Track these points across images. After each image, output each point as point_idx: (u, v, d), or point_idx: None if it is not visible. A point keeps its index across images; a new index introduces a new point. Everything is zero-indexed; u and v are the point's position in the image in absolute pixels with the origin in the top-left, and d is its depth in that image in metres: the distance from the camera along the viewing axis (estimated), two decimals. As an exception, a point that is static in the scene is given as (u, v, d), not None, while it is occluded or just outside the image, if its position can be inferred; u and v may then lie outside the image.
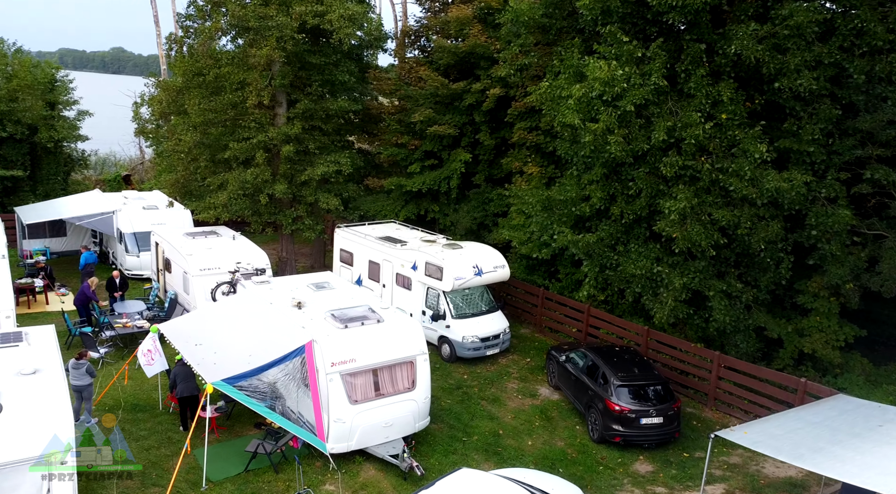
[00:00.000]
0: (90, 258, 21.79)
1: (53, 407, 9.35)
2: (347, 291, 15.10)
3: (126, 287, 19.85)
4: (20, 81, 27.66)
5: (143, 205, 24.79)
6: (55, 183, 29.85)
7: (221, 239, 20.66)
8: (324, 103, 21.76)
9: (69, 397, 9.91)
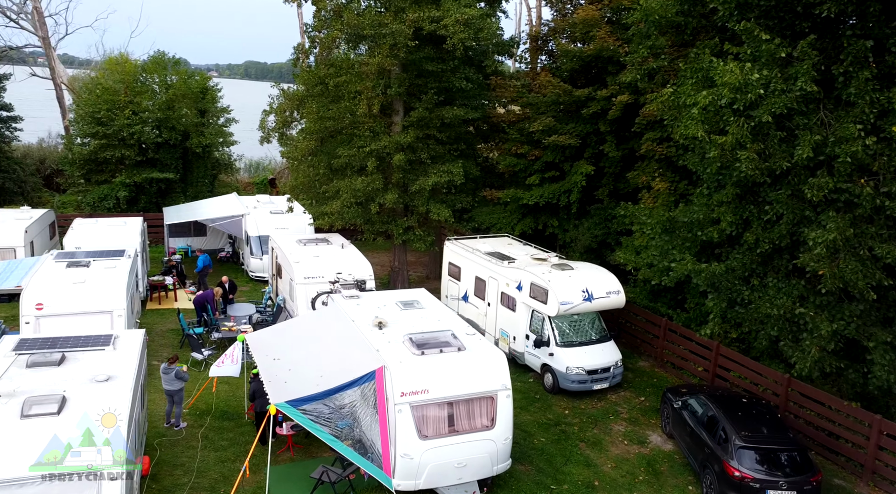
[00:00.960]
0: (206, 261, 22.87)
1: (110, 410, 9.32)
2: (435, 312, 14.19)
3: (235, 290, 20.42)
4: (175, 91, 30.04)
5: (270, 210, 25.75)
6: (203, 185, 32.10)
7: (330, 247, 20.71)
8: (439, 111, 21.12)
9: (133, 405, 9.93)
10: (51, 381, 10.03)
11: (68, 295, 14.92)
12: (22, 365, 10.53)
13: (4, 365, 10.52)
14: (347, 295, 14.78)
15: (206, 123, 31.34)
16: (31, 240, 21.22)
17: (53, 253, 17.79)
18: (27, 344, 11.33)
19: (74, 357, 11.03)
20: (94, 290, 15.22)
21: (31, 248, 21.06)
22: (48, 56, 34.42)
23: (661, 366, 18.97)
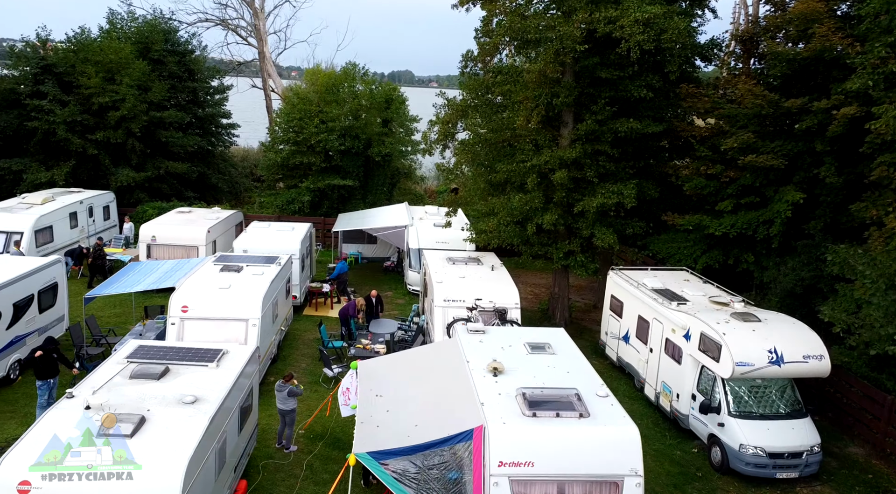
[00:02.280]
0: (342, 269, 22.76)
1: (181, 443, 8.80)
2: (566, 362, 12.02)
3: (382, 306, 19.80)
4: (361, 100, 30.93)
5: (434, 222, 25.13)
6: (381, 193, 32.73)
7: (479, 268, 19.30)
8: (612, 124, 18.67)
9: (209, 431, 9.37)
10: (141, 397, 9.86)
11: (212, 300, 15.30)
12: (127, 374, 10.58)
13: (113, 372, 10.64)
14: (472, 329, 13.19)
15: (388, 132, 31.86)
16: (214, 239, 22.80)
17: (217, 255, 18.70)
18: (141, 352, 11.46)
19: (177, 371, 10.88)
20: (235, 297, 15.45)
21: (213, 247, 22.63)
22: (262, 69, 37.72)
23: (880, 458, 14.63)
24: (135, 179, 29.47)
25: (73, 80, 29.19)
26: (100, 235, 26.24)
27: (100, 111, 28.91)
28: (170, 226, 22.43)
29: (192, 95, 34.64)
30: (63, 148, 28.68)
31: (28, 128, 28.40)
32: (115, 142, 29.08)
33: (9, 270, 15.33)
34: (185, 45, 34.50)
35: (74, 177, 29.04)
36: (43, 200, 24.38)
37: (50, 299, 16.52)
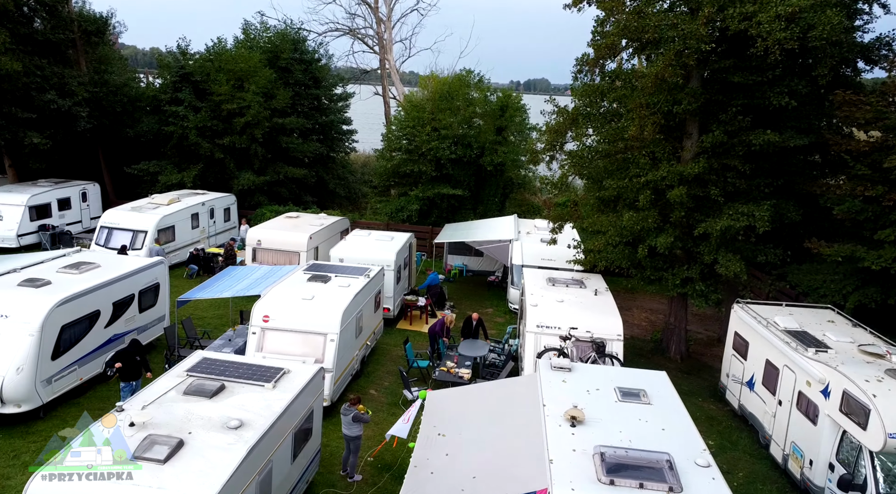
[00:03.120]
0: (434, 280, 21.70)
1: (213, 474, 8.14)
2: (663, 416, 10.14)
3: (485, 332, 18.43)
4: (474, 108, 30.01)
5: (541, 238, 23.58)
6: (492, 204, 31.60)
7: (581, 291, 17.54)
8: (744, 136, 16.23)
9: (249, 460, 8.68)
10: (187, 417, 9.37)
11: (293, 311, 14.91)
12: (182, 390, 10.20)
13: (169, 386, 10.32)
14: (556, 365, 11.63)
15: (502, 141, 30.68)
16: (317, 245, 22.80)
17: (309, 263, 18.46)
18: (203, 365, 11.10)
19: (232, 390, 10.36)
20: (316, 309, 14.95)
21: (314, 254, 22.64)
22: (382, 76, 38.01)
23: None
24: (255, 183, 30.55)
25: (206, 87, 30.82)
26: (233, 236, 27.43)
27: (227, 117, 30.27)
28: (275, 230, 22.72)
29: (315, 102, 35.56)
30: (194, 151, 30.33)
31: (165, 132, 30.33)
32: (240, 146, 30.32)
33: (110, 270, 15.89)
34: (311, 53, 35.50)
35: (202, 179, 30.62)
36: (169, 201, 25.74)
37: (151, 299, 17.01)
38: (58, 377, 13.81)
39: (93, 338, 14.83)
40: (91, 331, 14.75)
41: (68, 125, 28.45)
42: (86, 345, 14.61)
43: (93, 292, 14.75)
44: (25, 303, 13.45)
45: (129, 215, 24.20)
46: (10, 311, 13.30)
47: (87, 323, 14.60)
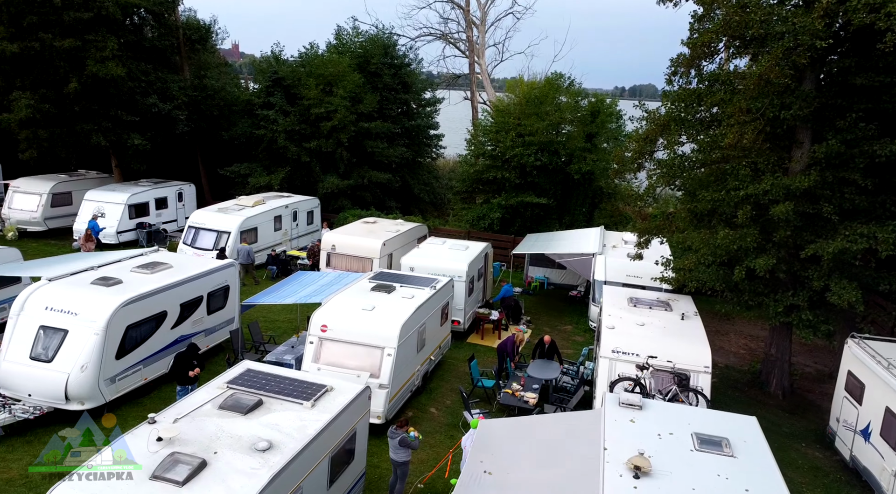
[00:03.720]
0: (508, 292, 20.48)
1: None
2: (751, 473, 8.60)
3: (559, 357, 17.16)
4: (562, 114, 28.61)
5: (628, 253, 21.90)
6: (579, 214, 30.05)
7: (666, 315, 15.91)
8: (867, 146, 14.07)
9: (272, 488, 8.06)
10: (217, 435, 8.91)
11: (351, 322, 14.35)
12: (218, 403, 9.79)
13: (207, 398, 9.94)
14: (624, 402, 10.29)
15: (592, 148, 29.08)
16: (390, 252, 22.32)
17: (375, 272, 17.92)
18: (245, 377, 10.68)
19: (269, 406, 9.84)
20: (375, 321, 14.32)
21: (388, 261, 22.17)
22: (471, 81, 37.31)
23: None
24: (339, 186, 30.68)
25: (297, 92, 31.33)
26: (319, 239, 27.64)
27: (315, 121, 30.59)
28: (349, 235, 22.46)
29: (403, 107, 35.42)
30: (282, 155, 30.89)
31: (256, 135, 31.08)
32: (326, 150, 30.55)
33: (181, 271, 16.02)
34: (402, 58, 35.39)
35: (289, 182, 31.12)
36: (254, 203, 26.20)
37: (220, 301, 17.06)
38: (122, 376, 13.97)
39: (159, 339, 14.95)
40: (157, 332, 14.87)
41: (168, 128, 29.74)
42: (151, 346, 14.74)
43: (160, 293, 14.86)
44: (94, 302, 13.68)
45: (215, 216, 24.79)
46: (79, 309, 13.57)
47: (153, 323, 14.73)
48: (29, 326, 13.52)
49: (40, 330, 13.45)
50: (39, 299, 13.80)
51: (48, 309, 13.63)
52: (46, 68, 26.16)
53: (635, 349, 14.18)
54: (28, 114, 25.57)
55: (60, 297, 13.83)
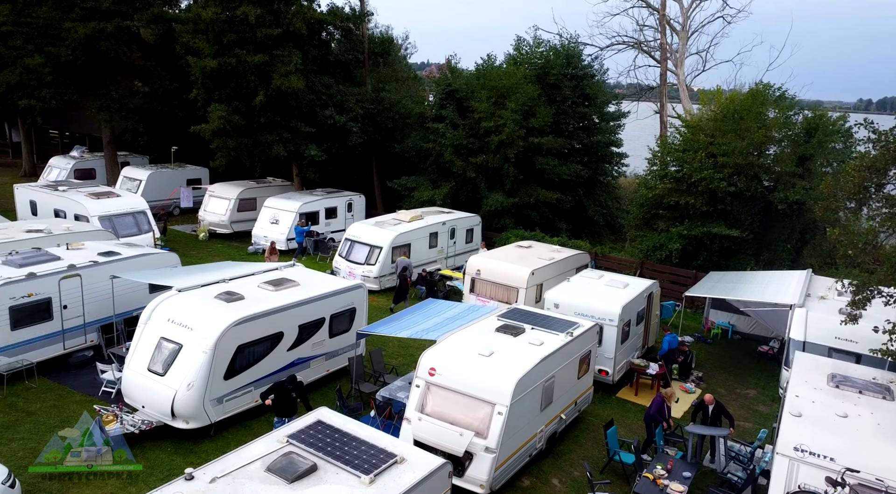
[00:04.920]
0: (672, 343, 16.90)
1: None
2: None
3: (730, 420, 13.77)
4: (767, 131, 24.04)
5: (839, 308, 17.32)
6: (782, 251, 25.11)
7: (885, 406, 11.74)
8: None
9: None
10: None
11: (463, 367, 12.48)
12: (267, 463, 8.50)
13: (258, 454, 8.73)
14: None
15: (804, 173, 24.11)
16: (541, 282, 20.07)
17: (507, 308, 15.83)
18: (310, 432, 9.31)
19: (321, 475, 8.34)
20: (490, 370, 12.30)
21: (537, 292, 19.96)
22: (661, 93, 33.48)
23: None
24: (503, 204, 29.01)
25: (469, 105, 30.35)
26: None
27: (484, 135, 29.32)
28: (496, 260, 20.60)
29: (582, 121, 32.84)
30: (448, 169, 30.05)
31: (425, 149, 30.63)
32: (492, 166, 29.10)
33: (305, 290, 15.41)
34: (585, 69, 32.86)
35: (454, 197, 30.18)
36: (411, 218, 25.55)
37: (344, 324, 16.23)
38: (230, 397, 13.57)
39: (273, 360, 14.41)
40: (272, 353, 14.34)
41: (342, 139, 30.41)
42: (264, 367, 14.23)
43: (277, 313, 14.31)
44: (208, 318, 13.44)
45: (370, 230, 24.50)
46: (195, 324, 13.41)
47: (267, 344, 14.21)
48: (152, 337, 13.66)
49: (160, 341, 13.51)
50: (165, 310, 13.92)
51: (170, 321, 13.67)
52: (240, 82, 28.02)
53: (829, 451, 10.46)
54: (219, 125, 27.52)
55: (182, 310, 13.82)
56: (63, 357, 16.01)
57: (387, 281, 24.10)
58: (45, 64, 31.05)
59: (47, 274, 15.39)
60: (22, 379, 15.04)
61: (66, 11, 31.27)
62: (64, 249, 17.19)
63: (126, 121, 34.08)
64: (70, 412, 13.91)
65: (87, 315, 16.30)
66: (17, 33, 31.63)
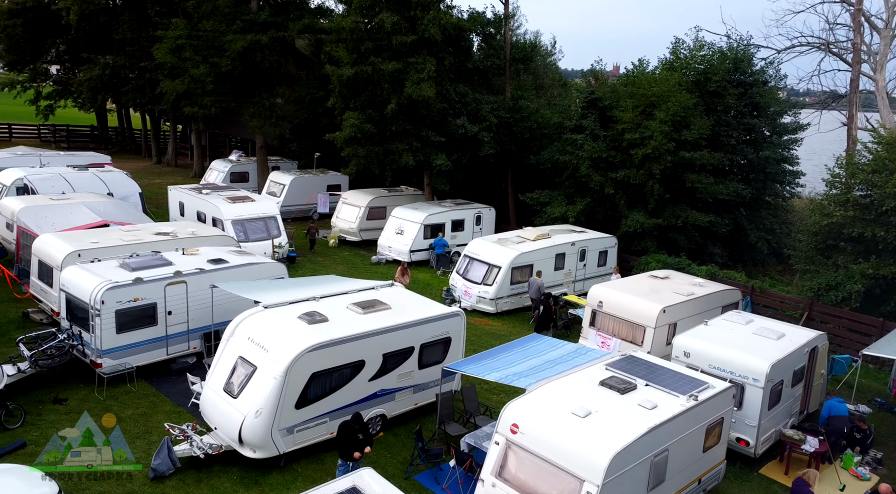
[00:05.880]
0: (838, 410, 13.34)
1: None
2: None
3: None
4: None
5: None
6: None
7: None
8: None
9: None
10: None
11: (552, 429, 10.41)
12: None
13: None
14: None
15: None
16: (674, 322, 17.21)
17: (619, 355, 13.35)
18: (339, 499, 7.88)
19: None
20: (583, 436, 10.12)
21: (668, 333, 17.13)
22: (851, 102, 28.27)
23: None
24: (644, 225, 25.96)
25: (613, 114, 27.70)
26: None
27: (627, 148, 26.51)
28: (622, 292, 18.00)
29: (749, 134, 28.73)
30: (584, 184, 27.60)
31: (561, 161, 28.43)
32: (635, 182, 26.20)
33: (395, 315, 14.15)
34: (756, 74, 28.74)
35: (589, 215, 27.66)
36: (536, 236, 23.60)
37: (436, 354, 14.74)
38: (302, 427, 12.62)
39: (352, 391, 13.28)
40: (351, 382, 13.22)
41: (473, 149, 29.12)
42: (342, 397, 13.15)
43: (359, 339, 13.18)
44: (284, 341, 12.61)
45: (490, 247, 22.91)
46: (271, 346, 12.65)
47: (347, 372, 13.12)
48: (231, 354, 13.14)
49: (238, 360, 12.93)
50: (247, 327, 13.35)
51: (249, 339, 13.06)
52: (374, 90, 27.79)
53: None
54: (351, 133, 27.44)
55: (262, 328, 13.16)
56: (166, 362, 16.18)
57: (504, 304, 22.36)
58: (208, 73, 33.21)
59: (154, 279, 15.58)
60: (124, 382, 15.32)
61: (228, 24, 33.27)
62: (180, 254, 17.50)
63: (275, 128, 35.52)
64: (155, 423, 13.80)
65: (190, 322, 16.36)
66: (188, 46, 34.16)
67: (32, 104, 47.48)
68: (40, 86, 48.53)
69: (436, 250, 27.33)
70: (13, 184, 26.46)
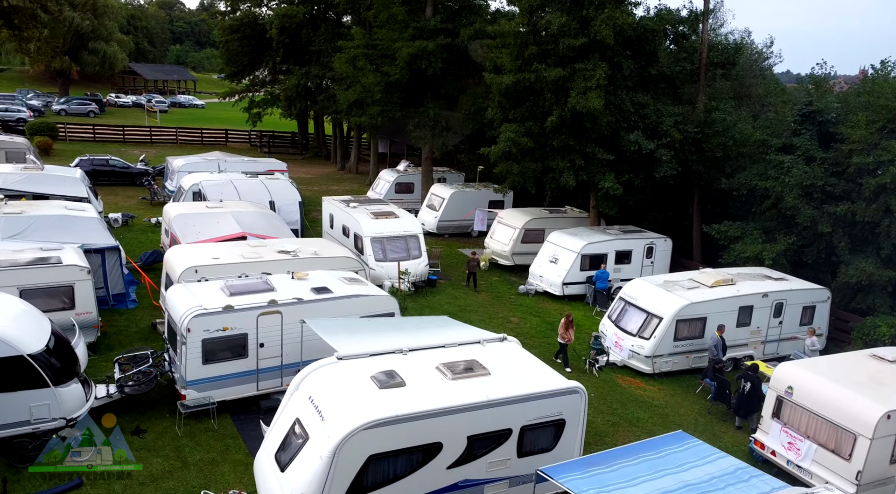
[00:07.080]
0: None
1: None
2: None
3: None
4: None
5: None
6: None
7: None
8: None
9: None
10: None
11: None
12: None
13: None
14: None
15: None
16: (906, 433, 11.95)
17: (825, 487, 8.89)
18: None
19: None
20: None
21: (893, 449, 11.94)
22: None
23: None
24: (873, 277, 19.77)
25: (837, 131, 21.74)
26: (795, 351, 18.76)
27: (854, 175, 20.51)
28: (826, 378, 12.97)
29: None
30: (790, 218, 21.95)
31: (760, 187, 22.98)
32: (862, 219, 20.11)
33: (490, 387, 11.13)
34: None
35: (793, 258, 21.95)
36: (714, 282, 18.92)
37: (544, 440, 11.43)
38: (359, 518, 10.17)
39: (424, 479, 10.53)
40: (422, 469, 10.48)
41: (648, 169, 24.76)
42: (411, 487, 10.45)
43: (437, 417, 10.41)
44: (343, 410, 10.23)
45: (652, 290, 18.74)
46: (328, 413, 10.34)
47: (417, 456, 10.40)
48: (290, 415, 11.09)
49: (295, 423, 10.85)
50: (311, 383, 11.23)
51: (310, 399, 10.90)
52: (536, 100, 24.83)
53: None
54: (506, 148, 24.72)
55: (325, 387, 10.93)
56: (256, 398, 14.79)
57: (663, 364, 18.10)
58: (377, 82, 32.69)
59: (245, 308, 14.24)
60: (209, 417, 14.16)
61: (400, 31, 32.46)
62: (288, 278, 16.14)
63: (438, 139, 34.05)
64: (220, 475, 12.32)
65: (285, 356, 14.83)
66: (362, 55, 34.02)
67: (246, 112, 51.73)
68: (254, 96, 52.87)
69: (597, 284, 23.64)
70: (190, 190, 27.76)
